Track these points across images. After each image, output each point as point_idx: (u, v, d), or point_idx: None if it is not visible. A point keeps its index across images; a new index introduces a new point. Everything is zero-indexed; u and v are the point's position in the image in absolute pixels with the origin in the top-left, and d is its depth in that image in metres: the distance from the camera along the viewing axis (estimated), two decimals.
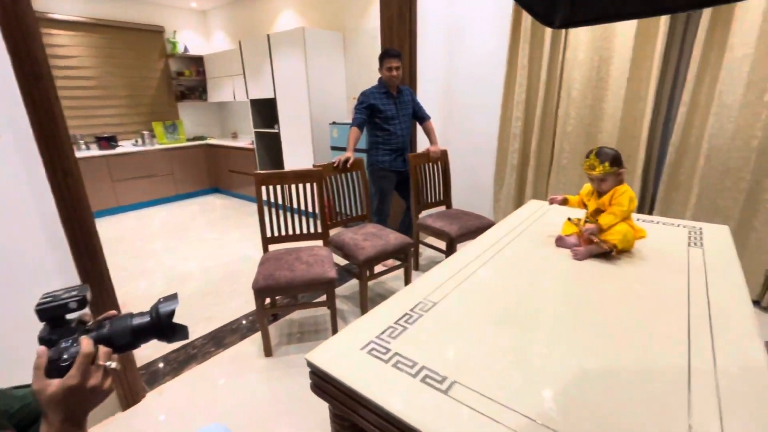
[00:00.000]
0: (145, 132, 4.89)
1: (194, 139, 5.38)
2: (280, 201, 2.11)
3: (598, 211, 1.34)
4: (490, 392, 0.72)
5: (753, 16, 1.91)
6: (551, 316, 0.99)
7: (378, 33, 3.27)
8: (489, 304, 1.04)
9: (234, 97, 4.89)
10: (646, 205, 2.49)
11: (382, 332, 0.91)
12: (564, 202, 1.52)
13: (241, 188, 5.01)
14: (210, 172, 5.40)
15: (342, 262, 2.57)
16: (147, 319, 0.64)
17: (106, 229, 3.99)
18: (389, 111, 2.54)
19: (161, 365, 1.87)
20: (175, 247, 3.44)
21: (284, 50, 3.71)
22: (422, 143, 2.94)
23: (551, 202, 1.56)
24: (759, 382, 0.74)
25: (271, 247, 2.13)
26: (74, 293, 0.60)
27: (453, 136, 3.25)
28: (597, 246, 1.29)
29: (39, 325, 0.58)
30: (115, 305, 1.53)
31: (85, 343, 0.58)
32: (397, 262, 2.49)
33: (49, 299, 0.59)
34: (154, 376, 1.80)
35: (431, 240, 2.95)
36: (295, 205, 2.18)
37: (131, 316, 0.65)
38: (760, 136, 2.00)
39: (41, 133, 1.22)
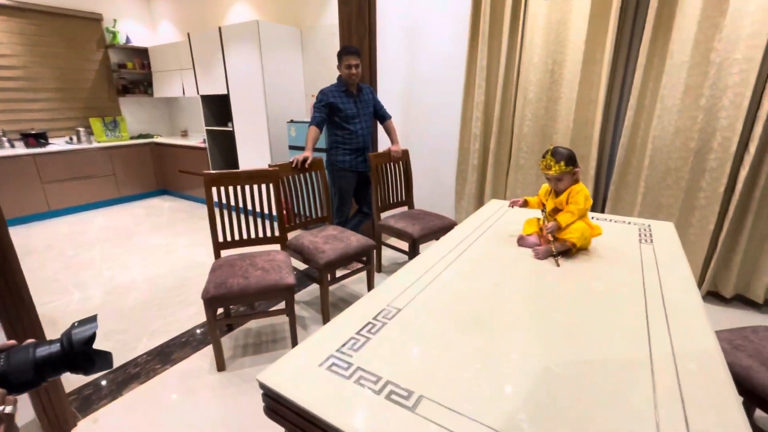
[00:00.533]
0: (80, 129, 4.47)
1: (139, 137, 5.00)
2: (234, 203, 1.97)
3: (557, 210, 1.36)
4: (458, 406, 0.68)
5: (689, 26, 2.04)
6: (517, 318, 0.97)
7: (335, 29, 3.19)
8: (454, 309, 1.00)
9: (183, 93, 4.59)
10: (599, 204, 2.60)
11: (343, 345, 0.84)
12: (524, 204, 1.53)
13: (193, 189, 4.72)
14: (158, 173, 5.04)
15: (301, 266, 2.47)
16: (57, 348, 0.52)
17: (35, 236, 3.59)
18: (349, 110, 2.46)
19: (96, 388, 1.68)
20: (115, 254, 3.15)
21: (237, 44, 3.52)
22: (383, 143, 2.90)
23: (512, 205, 1.56)
24: (714, 373, 0.75)
25: (224, 253, 1.98)
26: None
27: (414, 136, 3.24)
28: (558, 244, 1.30)
29: None
30: (37, 324, 1.34)
31: None
32: (360, 265, 2.43)
33: None
34: (87, 401, 1.60)
35: (393, 241, 2.92)
36: (250, 207, 2.05)
37: (34, 345, 0.53)
38: (696, 138, 2.14)
39: None
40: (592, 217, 1.67)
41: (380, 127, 2.81)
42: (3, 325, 1.23)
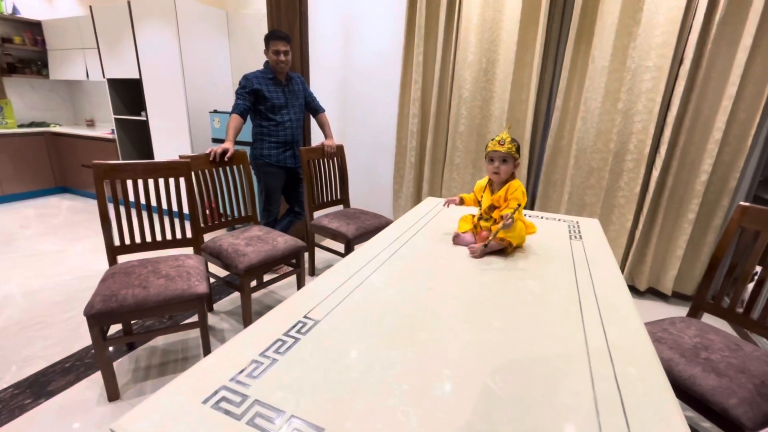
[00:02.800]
0: None
1: (31, 125, 4.27)
2: (135, 199, 1.68)
3: (493, 207, 1.30)
4: None
5: (608, 33, 2.15)
6: (451, 326, 0.86)
7: (264, 15, 2.96)
8: (382, 319, 0.87)
9: (87, 76, 4.00)
10: (528, 202, 2.67)
11: (240, 371, 0.67)
12: (461, 202, 1.45)
13: None
14: (55, 168, 4.34)
15: (222, 272, 2.21)
16: None
17: None
18: (276, 99, 2.25)
19: None
20: None
21: (150, 22, 3.11)
22: (316, 137, 2.72)
23: (447, 204, 1.48)
24: (652, 373, 0.70)
25: (123, 259, 1.68)
26: None
27: (350, 131, 3.10)
28: (494, 243, 1.24)
29: None
30: None
31: None
32: (290, 268, 2.23)
33: None
34: None
35: (328, 243, 2.75)
36: (155, 205, 1.76)
37: None
38: (615, 140, 2.26)
39: None
40: (525, 215, 1.66)
41: (313, 122, 2.63)
42: None
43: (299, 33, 2.52)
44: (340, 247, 2.48)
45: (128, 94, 3.72)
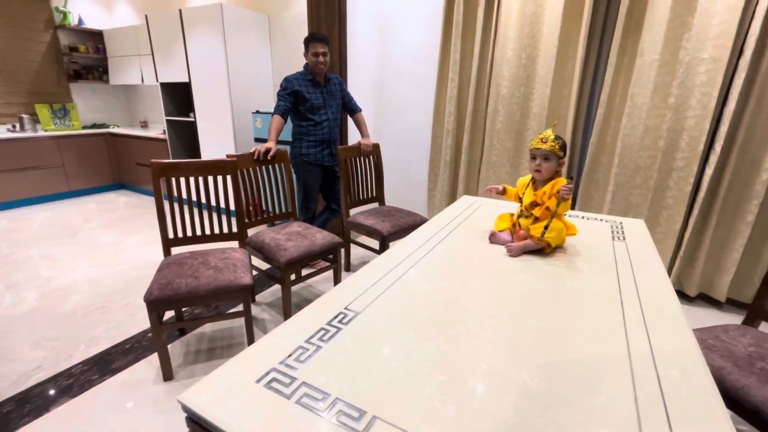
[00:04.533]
0: (24, 115, 4.09)
1: (93, 126, 4.65)
2: (187, 196, 1.80)
3: (534, 204, 1.28)
4: (417, 428, 0.57)
5: (659, 24, 2.04)
6: (486, 322, 0.88)
7: (305, 17, 3.05)
8: (418, 313, 0.90)
9: (142, 80, 4.29)
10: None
11: (288, 355, 0.72)
12: (503, 191, 1.45)
13: (151, 184, 4.41)
14: (113, 165, 4.70)
15: (264, 265, 2.32)
16: None
17: None
18: (315, 100, 2.33)
19: (18, 404, 1.47)
20: (58, 253, 2.87)
21: (200, 29, 3.30)
22: (354, 136, 2.78)
23: (490, 190, 1.47)
24: (697, 376, 0.68)
25: (176, 251, 1.81)
26: None
27: (386, 130, 3.14)
28: (531, 242, 1.23)
29: None
30: None
31: None
32: (327, 263, 2.30)
33: None
34: (6, 419, 1.40)
35: (363, 239, 2.81)
36: (205, 201, 1.89)
37: None
38: (665, 137, 2.15)
39: None
40: (566, 215, 1.62)
41: (350, 120, 2.69)
42: None
43: (338, 34, 2.59)
44: (374, 243, 2.52)
45: (178, 97, 3.96)
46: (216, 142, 3.59)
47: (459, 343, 0.79)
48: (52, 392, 1.53)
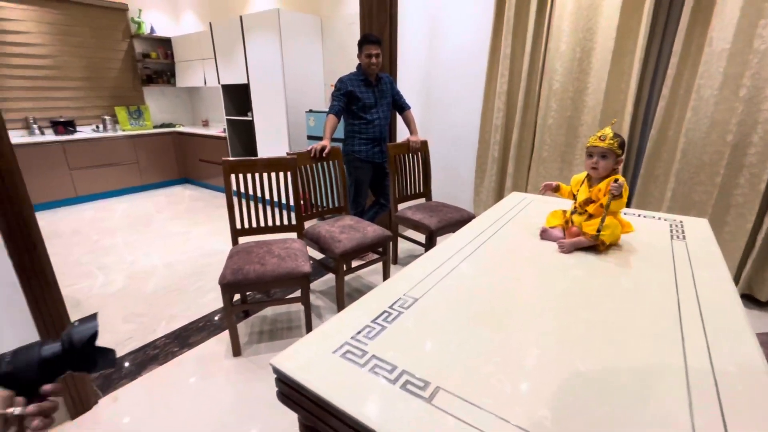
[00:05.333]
0: (106, 117, 4.58)
1: (162, 126, 5.10)
2: (251, 191, 1.98)
3: (588, 201, 1.29)
4: (477, 400, 0.65)
5: (732, 12, 1.91)
6: (539, 313, 0.92)
7: (355, 18, 3.15)
8: (472, 301, 0.97)
9: (205, 83, 4.65)
10: None
11: (358, 332, 0.82)
12: (557, 188, 1.46)
13: (212, 179, 4.79)
14: (179, 162, 5.13)
15: (317, 255, 2.47)
16: (58, 347, 0.50)
17: (61, 221, 3.71)
18: (367, 99, 2.43)
19: (117, 368, 1.72)
20: (137, 240, 3.22)
21: (258, 33, 3.52)
22: (402, 133, 2.86)
23: (544, 188, 1.49)
24: (757, 380, 0.70)
25: (241, 240, 1.99)
26: None
27: (433, 126, 3.18)
28: (584, 239, 1.24)
29: None
30: (60, 304, 1.37)
31: None
32: (375, 256, 2.41)
33: None
34: (108, 380, 1.64)
35: (410, 233, 2.88)
36: (267, 196, 2.05)
37: (40, 344, 0.51)
38: (735, 131, 2.02)
39: None
40: (621, 213, 1.60)
41: (399, 117, 2.77)
42: (29, 304, 1.27)
43: (389, 34, 2.66)
44: (420, 237, 2.60)
45: (237, 97, 4.25)
46: (271, 140, 3.82)
47: (512, 331, 0.85)
48: (142, 360, 1.77)
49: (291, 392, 0.73)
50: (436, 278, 1.07)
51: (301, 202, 2.24)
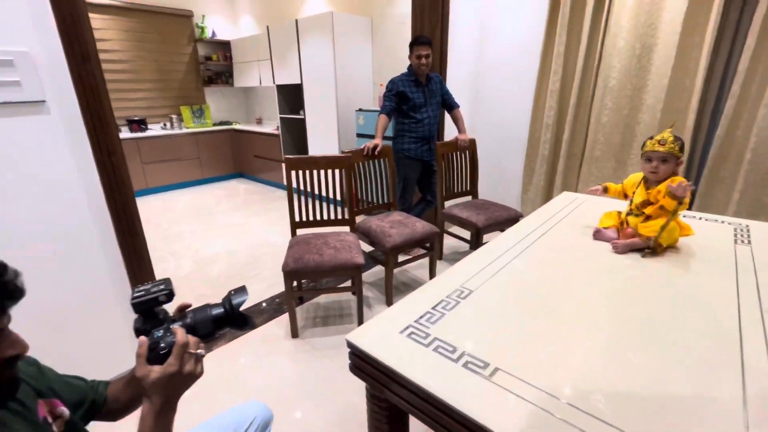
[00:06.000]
0: (173, 116, 4.99)
1: (220, 123, 5.47)
2: (306, 187, 2.12)
3: (646, 203, 1.29)
4: (534, 381, 0.71)
5: None
6: (591, 309, 0.96)
7: (407, 18, 3.22)
8: (526, 295, 1.02)
9: (260, 83, 4.92)
10: None
11: (420, 317, 0.91)
12: (604, 191, 1.47)
13: (265, 174, 5.07)
14: (235, 157, 5.48)
15: (366, 248, 2.59)
16: (221, 309, 0.68)
17: None
18: (417, 99, 2.50)
19: None
20: (200, 230, 3.52)
21: (312, 35, 3.70)
22: (449, 131, 2.90)
23: (590, 193, 1.51)
24: None
25: (298, 232, 2.15)
26: (162, 287, 0.65)
27: (481, 125, 3.19)
28: (639, 240, 1.25)
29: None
30: (152, 278, 1.58)
31: (180, 333, 0.62)
32: (422, 251, 2.49)
33: (141, 293, 0.64)
34: None
35: (455, 230, 2.93)
36: (321, 191, 2.19)
37: (210, 307, 0.69)
38: None
39: (88, 113, 1.26)
40: (681, 215, 1.56)
41: (447, 116, 2.81)
42: (129, 280, 1.48)
43: (440, 33, 2.71)
44: (465, 234, 2.64)
45: (290, 97, 4.48)
46: (322, 138, 4.00)
47: (565, 323, 0.90)
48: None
49: (363, 365, 0.84)
50: (489, 273, 1.13)
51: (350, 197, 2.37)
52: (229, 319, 0.69)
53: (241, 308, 0.68)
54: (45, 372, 0.75)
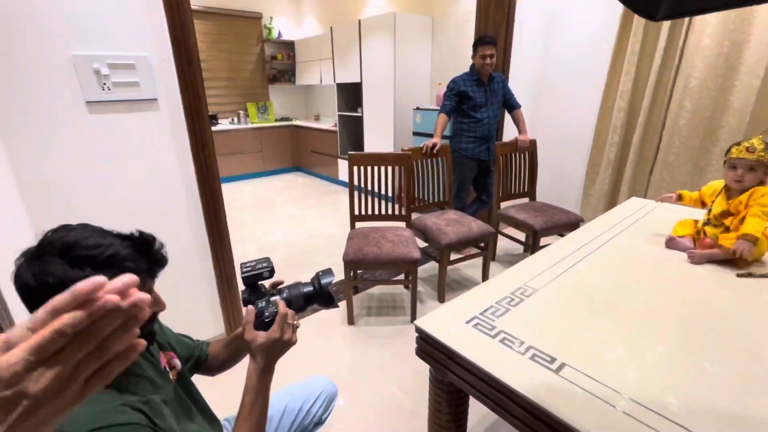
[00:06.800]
0: (240, 111, 5.36)
1: (281, 119, 5.77)
2: (362, 183, 2.22)
3: (726, 214, 1.22)
4: (603, 379, 0.73)
5: None
6: (663, 315, 0.95)
7: (469, 17, 3.21)
8: (593, 298, 1.02)
9: (321, 81, 5.13)
10: None
11: (485, 310, 0.95)
12: (678, 198, 1.40)
13: (322, 168, 5.28)
14: (293, 152, 5.77)
15: (421, 245, 2.64)
16: (311, 287, 0.78)
17: None
18: (478, 98, 2.50)
19: None
20: (262, 218, 3.78)
21: (374, 35, 3.80)
22: (508, 131, 2.86)
23: (662, 200, 1.45)
24: None
25: (357, 225, 2.25)
26: (265, 264, 0.76)
27: (542, 125, 3.11)
28: (719, 252, 1.19)
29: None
30: (231, 264, 1.75)
31: (282, 305, 0.73)
32: (475, 250, 2.50)
33: (249, 268, 0.75)
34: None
35: (509, 231, 2.89)
36: (376, 188, 2.27)
37: (301, 284, 0.79)
38: None
39: (188, 109, 1.43)
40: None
41: (506, 116, 2.78)
42: (213, 260, 1.66)
43: (505, 32, 2.68)
44: (520, 236, 2.60)
45: (349, 95, 4.63)
46: (378, 135, 4.10)
47: (635, 327, 0.89)
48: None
49: (430, 349, 0.90)
50: (554, 273, 1.14)
51: (402, 194, 2.43)
52: (317, 297, 0.78)
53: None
54: (164, 329, 0.89)
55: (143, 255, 0.62)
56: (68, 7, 1.17)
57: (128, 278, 0.27)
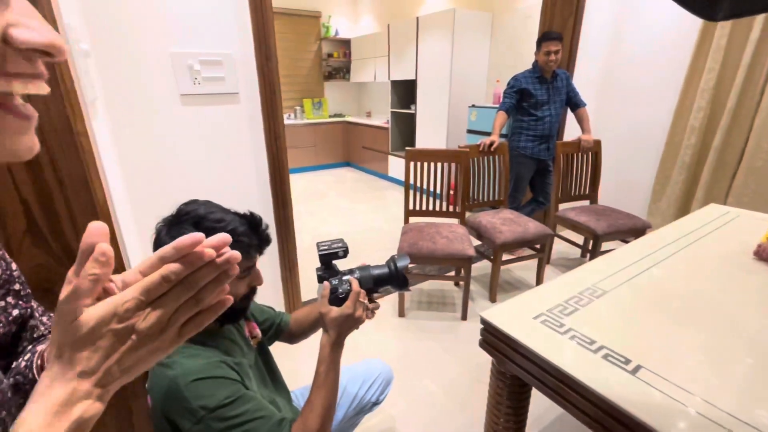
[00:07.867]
0: (297, 107, 5.59)
1: (335, 115, 5.94)
2: (416, 179, 2.24)
3: None
4: (682, 383, 0.70)
5: None
6: (750, 326, 0.88)
7: (531, 12, 3.12)
8: (669, 303, 0.98)
9: (374, 78, 5.21)
10: None
11: (553, 307, 0.94)
12: None
13: (372, 164, 5.37)
14: (344, 147, 5.92)
15: (474, 242, 2.62)
16: (386, 270, 0.83)
17: None
18: (540, 96, 2.43)
19: None
20: (315, 210, 3.92)
21: (432, 32, 3.79)
22: (570, 130, 2.75)
23: None
24: None
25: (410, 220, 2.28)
26: (340, 244, 0.81)
27: (607, 125, 2.95)
28: None
29: None
30: (294, 250, 1.86)
31: (355, 283, 0.78)
32: (529, 252, 2.44)
33: (325, 247, 0.81)
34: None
35: (567, 234, 2.79)
36: (430, 185, 2.29)
37: (370, 267, 0.84)
38: None
39: (265, 103, 1.53)
40: None
41: (569, 114, 2.67)
42: (278, 242, 1.76)
43: (572, 27, 2.58)
44: (578, 239, 2.50)
45: (402, 92, 4.66)
46: (430, 133, 4.10)
47: (718, 336, 0.84)
48: None
49: (493, 340, 0.91)
50: (625, 276, 1.10)
51: (451, 192, 2.42)
52: (392, 278, 0.82)
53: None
54: None
55: (254, 233, 0.70)
56: (169, 9, 1.30)
57: (222, 236, 0.29)
